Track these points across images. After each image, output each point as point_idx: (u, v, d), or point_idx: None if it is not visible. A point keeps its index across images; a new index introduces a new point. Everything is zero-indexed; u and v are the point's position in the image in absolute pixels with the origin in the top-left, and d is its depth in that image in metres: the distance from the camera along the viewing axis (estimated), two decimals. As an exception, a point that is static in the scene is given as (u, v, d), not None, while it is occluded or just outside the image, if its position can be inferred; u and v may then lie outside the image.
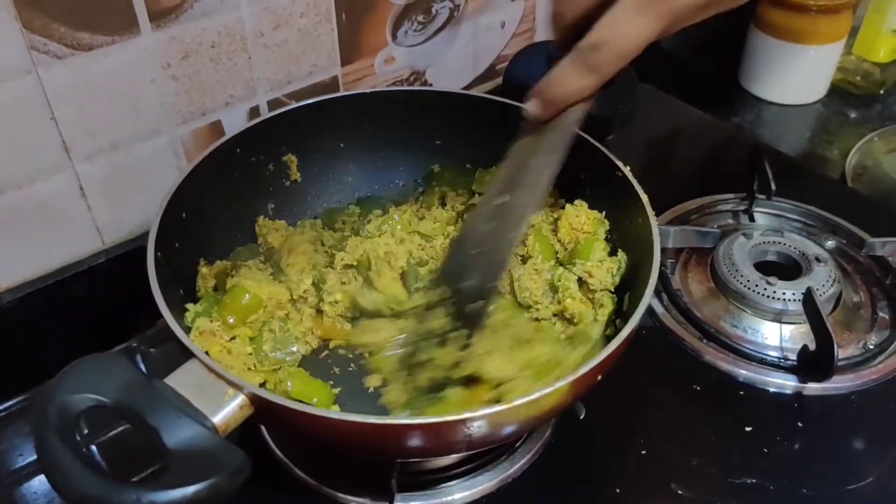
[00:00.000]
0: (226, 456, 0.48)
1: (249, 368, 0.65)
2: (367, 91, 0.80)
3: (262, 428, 0.69)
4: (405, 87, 0.92)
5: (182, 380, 0.51)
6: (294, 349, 0.68)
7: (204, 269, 0.71)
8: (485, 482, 0.67)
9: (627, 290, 0.69)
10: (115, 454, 0.68)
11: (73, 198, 0.75)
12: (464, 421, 0.51)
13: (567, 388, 0.54)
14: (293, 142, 0.78)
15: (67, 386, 0.48)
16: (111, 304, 0.80)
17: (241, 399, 0.51)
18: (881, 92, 1.26)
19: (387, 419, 0.53)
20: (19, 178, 0.70)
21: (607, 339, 0.68)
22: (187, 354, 0.53)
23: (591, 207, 0.74)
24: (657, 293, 0.84)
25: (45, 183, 0.72)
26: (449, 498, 0.66)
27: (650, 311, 0.82)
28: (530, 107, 0.60)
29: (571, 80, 0.56)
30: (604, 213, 0.74)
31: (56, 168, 0.72)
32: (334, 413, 0.51)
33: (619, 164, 0.70)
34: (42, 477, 0.69)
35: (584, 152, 0.73)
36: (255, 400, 0.51)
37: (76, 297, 0.79)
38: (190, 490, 0.45)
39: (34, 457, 0.70)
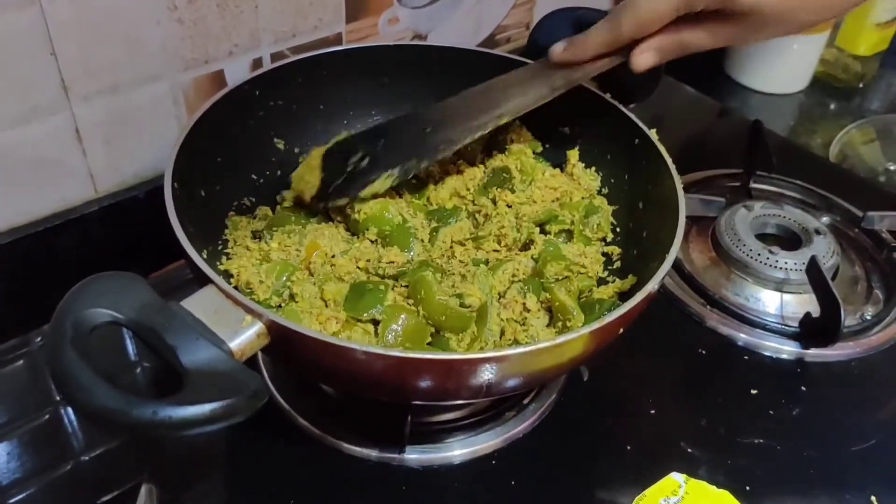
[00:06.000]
0: (243, 378, 0.46)
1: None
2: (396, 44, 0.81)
3: (265, 373, 0.67)
4: (421, 42, 0.91)
5: (198, 304, 0.49)
6: None
7: (235, 218, 0.70)
8: (493, 438, 0.66)
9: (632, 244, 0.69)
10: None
11: (68, 141, 0.72)
12: (485, 360, 0.50)
13: (589, 336, 0.53)
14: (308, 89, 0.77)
15: (84, 300, 0.46)
16: (101, 255, 0.77)
17: (258, 327, 0.49)
18: (860, 85, 1.29)
19: (410, 352, 0.51)
20: (13, 116, 0.67)
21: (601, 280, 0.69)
22: (204, 282, 0.51)
23: (609, 169, 0.75)
24: (659, 260, 0.83)
25: (41, 123, 0.69)
26: (457, 451, 0.65)
27: (654, 277, 0.82)
28: (557, 47, 0.65)
29: (597, 33, 0.63)
30: (626, 175, 0.73)
31: (53, 108, 0.69)
32: (355, 344, 0.49)
33: (645, 128, 0.69)
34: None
35: (609, 116, 0.73)
36: (273, 328, 0.49)
37: (66, 247, 0.76)
38: (207, 408, 0.43)
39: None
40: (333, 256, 0.65)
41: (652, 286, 0.56)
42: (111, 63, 0.71)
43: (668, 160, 0.66)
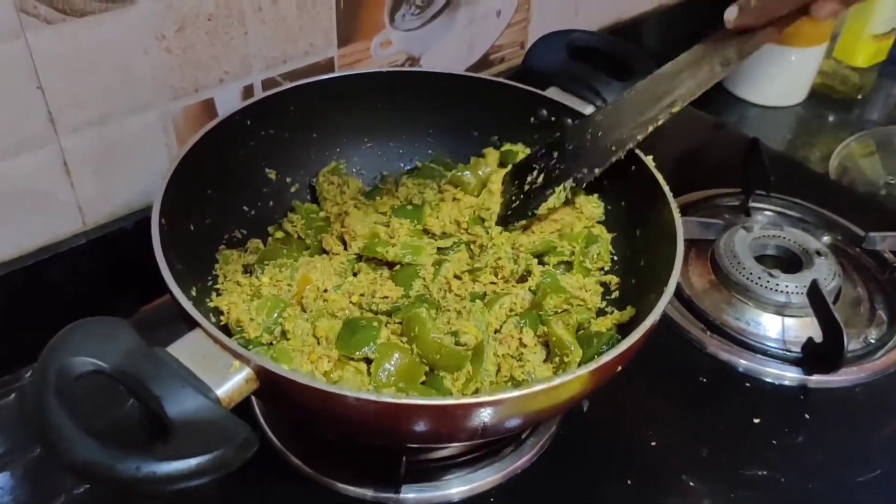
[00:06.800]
0: (232, 428, 0.45)
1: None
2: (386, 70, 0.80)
3: (258, 412, 0.66)
4: (415, 68, 0.90)
5: (185, 349, 0.48)
6: None
7: (226, 252, 0.68)
8: (491, 474, 0.65)
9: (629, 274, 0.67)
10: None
11: (56, 174, 0.71)
12: (480, 404, 0.49)
13: (587, 377, 0.52)
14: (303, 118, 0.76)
15: (68, 348, 0.45)
16: (90, 289, 0.76)
17: (246, 372, 0.48)
18: (859, 97, 1.28)
19: (402, 398, 0.49)
20: (0, 150, 0.66)
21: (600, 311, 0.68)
22: (191, 325, 0.50)
23: (606, 195, 0.74)
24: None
25: (28, 156, 0.68)
26: (455, 490, 0.63)
27: (652, 302, 0.80)
28: (731, 11, 0.63)
29: None
30: (623, 203, 0.72)
31: (40, 141, 0.68)
32: (346, 390, 0.48)
33: (641, 154, 0.68)
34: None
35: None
36: (262, 373, 0.48)
37: (54, 281, 0.74)
38: (193, 462, 0.42)
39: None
40: (326, 291, 0.64)
41: (651, 321, 0.55)
42: (99, 94, 0.70)
43: (665, 188, 0.65)
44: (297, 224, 0.72)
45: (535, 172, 0.70)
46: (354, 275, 0.67)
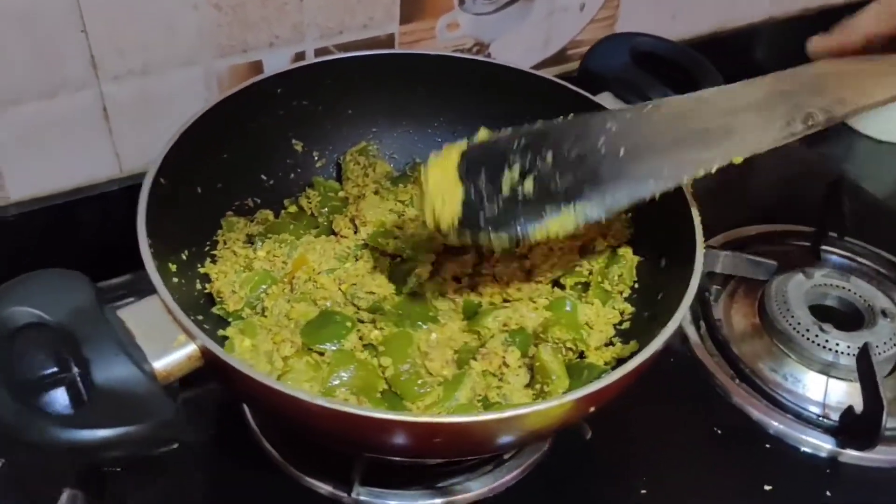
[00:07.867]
0: (155, 405, 0.43)
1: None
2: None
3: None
4: (464, 55, 0.86)
5: (137, 314, 0.47)
6: None
7: (232, 219, 0.67)
8: (463, 492, 0.61)
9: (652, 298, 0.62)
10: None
11: (95, 118, 0.72)
12: (441, 425, 0.46)
13: (552, 410, 0.47)
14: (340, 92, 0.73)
15: (16, 296, 0.45)
16: (119, 235, 0.77)
17: (191, 349, 0.47)
18: None
19: (350, 407, 0.46)
20: (41, 89, 0.67)
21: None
22: (152, 290, 0.49)
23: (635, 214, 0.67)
24: (694, 319, 0.76)
25: (68, 98, 0.69)
26: (419, 503, 0.60)
27: (682, 336, 0.74)
28: (818, 40, 0.58)
29: (870, 19, 0.55)
30: (652, 225, 0.65)
31: (81, 83, 0.69)
32: (280, 385, 0.46)
33: None
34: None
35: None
36: (207, 354, 0.47)
37: (84, 222, 0.76)
38: (99, 434, 0.41)
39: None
40: (319, 273, 0.62)
41: (636, 362, 0.49)
42: (143, 44, 0.70)
43: (696, 218, 0.59)
44: (312, 200, 0.70)
45: (512, 170, 0.50)
46: (357, 261, 0.65)
